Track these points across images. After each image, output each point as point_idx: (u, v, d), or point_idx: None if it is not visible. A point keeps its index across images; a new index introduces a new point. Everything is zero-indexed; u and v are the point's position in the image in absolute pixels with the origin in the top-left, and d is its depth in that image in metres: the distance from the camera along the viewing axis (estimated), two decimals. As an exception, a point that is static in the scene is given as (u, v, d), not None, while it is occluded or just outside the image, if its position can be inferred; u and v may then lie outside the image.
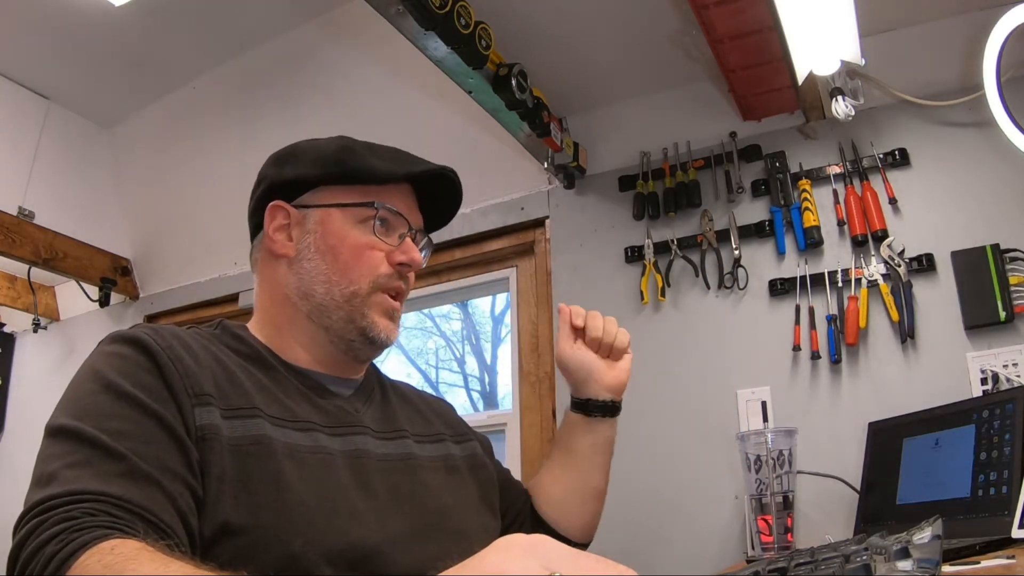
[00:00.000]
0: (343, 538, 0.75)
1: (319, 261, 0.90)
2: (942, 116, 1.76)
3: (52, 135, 2.66)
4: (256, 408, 0.79)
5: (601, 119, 2.19)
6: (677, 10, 1.81)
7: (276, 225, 0.93)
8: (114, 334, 0.80)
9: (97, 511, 0.62)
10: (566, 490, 1.10)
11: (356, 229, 0.91)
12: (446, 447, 1.00)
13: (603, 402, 1.08)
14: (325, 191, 0.93)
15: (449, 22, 1.52)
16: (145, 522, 0.63)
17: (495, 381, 3.77)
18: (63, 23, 2.24)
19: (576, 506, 1.10)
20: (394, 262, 0.92)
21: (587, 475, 1.10)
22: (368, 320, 0.90)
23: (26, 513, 0.62)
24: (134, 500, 0.64)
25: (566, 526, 1.09)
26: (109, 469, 0.65)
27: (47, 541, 0.59)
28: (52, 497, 0.62)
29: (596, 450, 1.09)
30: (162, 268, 2.96)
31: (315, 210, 0.92)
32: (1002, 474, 1.17)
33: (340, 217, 0.91)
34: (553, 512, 1.10)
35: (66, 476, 0.64)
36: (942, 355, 1.65)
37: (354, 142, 0.96)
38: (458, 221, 2.32)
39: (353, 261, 0.90)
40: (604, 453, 1.10)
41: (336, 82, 2.40)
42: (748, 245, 1.92)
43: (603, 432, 1.09)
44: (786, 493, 1.55)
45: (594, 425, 1.09)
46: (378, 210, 0.91)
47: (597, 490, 1.11)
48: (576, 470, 1.10)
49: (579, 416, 1.09)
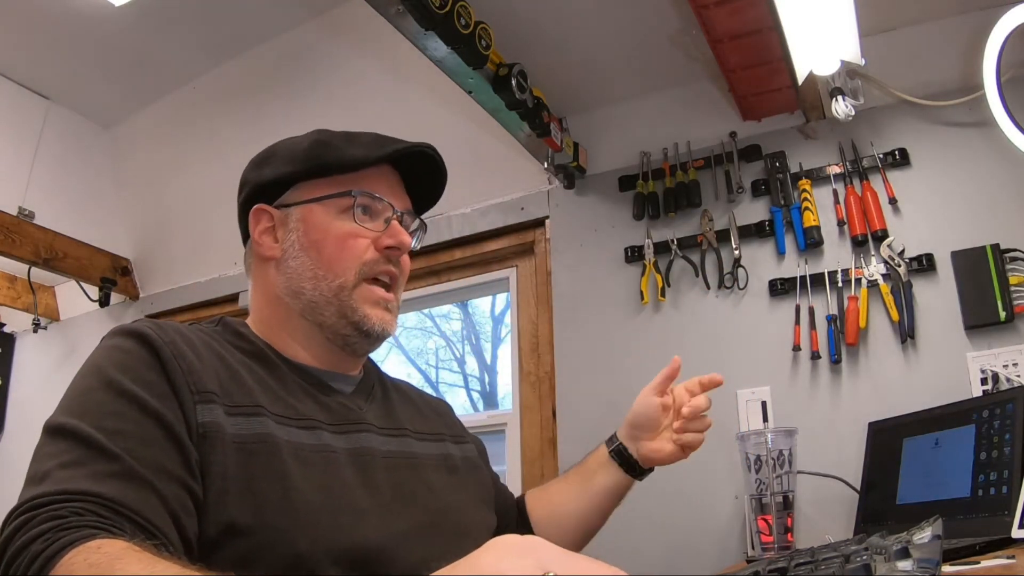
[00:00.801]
0: (349, 537, 0.75)
1: (304, 258, 0.90)
2: (942, 116, 1.76)
3: (52, 135, 2.66)
4: (260, 406, 0.78)
5: (601, 119, 2.19)
6: (677, 10, 1.81)
7: (261, 228, 0.93)
8: (117, 328, 0.79)
9: (86, 511, 0.61)
10: (569, 516, 1.10)
11: (337, 220, 0.90)
12: (445, 447, 1.00)
13: (630, 458, 1.08)
14: (303, 187, 0.92)
15: (449, 22, 1.52)
16: (134, 524, 0.63)
17: (495, 381, 3.77)
18: (63, 23, 2.24)
19: (571, 534, 1.10)
20: (381, 247, 0.91)
21: (595, 513, 1.10)
22: (360, 313, 0.89)
23: (15, 510, 0.62)
24: (125, 501, 0.63)
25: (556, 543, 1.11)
26: (102, 469, 0.65)
27: (33, 539, 0.58)
28: (42, 495, 0.62)
29: (613, 497, 1.09)
30: (162, 268, 2.96)
31: (296, 208, 0.92)
32: (1002, 474, 1.17)
33: (320, 211, 0.91)
34: (550, 529, 1.10)
35: (59, 475, 0.64)
36: (942, 355, 1.64)
37: (330, 134, 0.95)
38: (458, 221, 2.33)
39: (337, 252, 0.89)
40: (616, 502, 1.11)
41: (336, 82, 2.41)
42: (748, 245, 1.92)
43: (626, 485, 1.10)
44: (786, 493, 1.55)
45: (623, 476, 1.09)
46: (356, 197, 0.90)
47: (595, 530, 1.12)
48: (587, 504, 1.10)
49: (615, 463, 1.09)
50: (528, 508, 1.13)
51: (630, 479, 1.09)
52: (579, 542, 1.11)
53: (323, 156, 0.91)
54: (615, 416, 1.94)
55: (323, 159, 0.91)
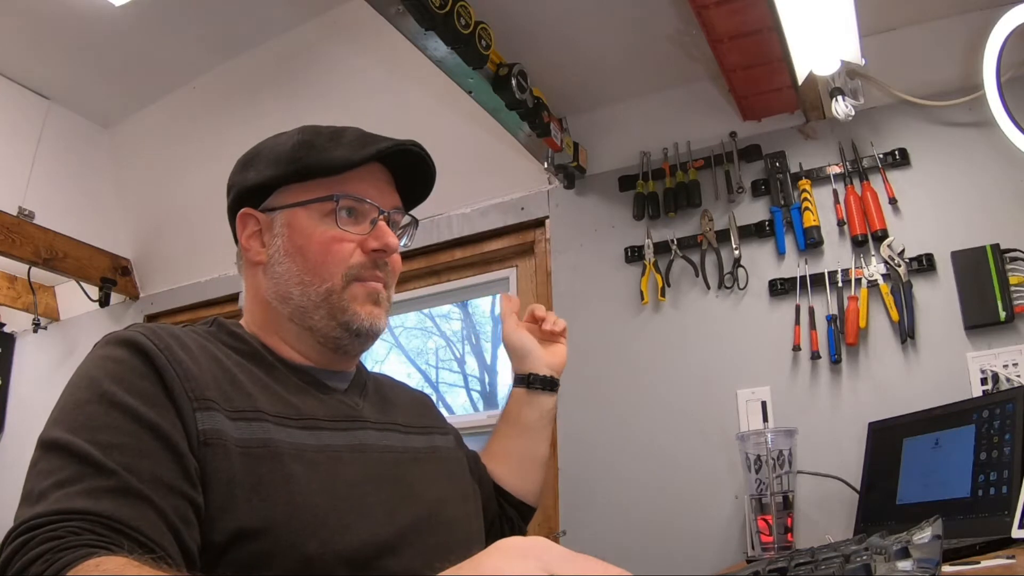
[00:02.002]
0: (357, 536, 0.75)
1: (290, 263, 0.89)
2: (942, 116, 1.76)
3: (52, 135, 2.66)
4: (259, 411, 0.78)
5: (601, 119, 2.19)
6: (677, 10, 1.81)
7: (248, 233, 0.92)
8: (109, 336, 0.78)
9: (83, 530, 0.61)
10: (519, 459, 1.17)
11: (321, 224, 0.89)
12: (433, 439, 1.01)
13: (544, 377, 1.16)
14: (287, 191, 0.91)
15: (449, 22, 1.52)
16: (132, 540, 0.62)
17: (495, 381, 3.76)
18: (63, 23, 2.24)
19: (529, 473, 1.17)
20: (368, 249, 0.90)
21: (535, 444, 1.18)
22: (349, 313, 0.88)
23: (12, 532, 0.62)
24: (122, 518, 0.63)
25: (523, 492, 1.17)
26: (98, 486, 0.64)
27: (32, 561, 0.58)
28: (39, 516, 0.61)
29: (541, 423, 1.17)
30: (162, 268, 2.96)
31: (280, 212, 0.90)
32: (1002, 474, 1.17)
33: (304, 215, 0.89)
34: (510, 479, 1.16)
35: (55, 494, 0.63)
36: (942, 355, 1.65)
37: (314, 132, 0.92)
38: (458, 221, 2.33)
39: (322, 258, 0.88)
40: (548, 425, 1.18)
41: (336, 81, 2.41)
42: (748, 245, 1.92)
43: (546, 405, 1.17)
44: (786, 493, 1.55)
45: (537, 398, 1.16)
46: (338, 201, 0.89)
47: (544, 458, 1.20)
48: (525, 440, 1.17)
49: (522, 391, 1.16)
50: (491, 474, 1.16)
51: (548, 394, 1.17)
52: (540, 477, 1.19)
53: (306, 159, 0.89)
54: (615, 416, 1.95)
55: (305, 162, 0.89)
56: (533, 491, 1.18)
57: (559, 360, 1.19)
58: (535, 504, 1.20)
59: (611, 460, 1.93)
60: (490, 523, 1.10)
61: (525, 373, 1.17)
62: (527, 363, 1.17)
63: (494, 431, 1.21)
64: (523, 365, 1.17)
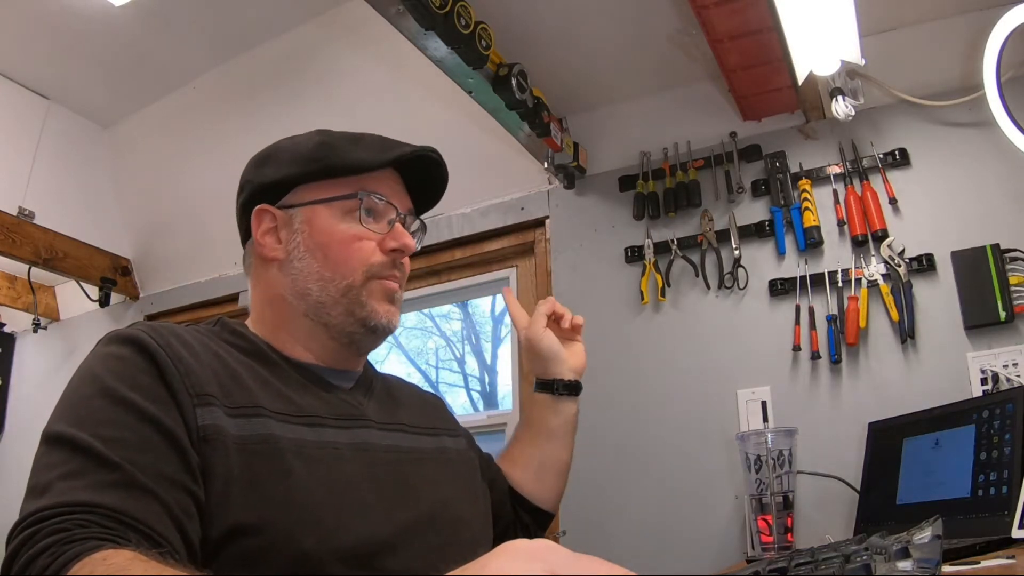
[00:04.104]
0: (354, 534, 0.75)
1: (310, 260, 0.90)
2: (942, 116, 1.76)
3: (52, 135, 2.65)
4: (260, 407, 0.78)
5: (601, 119, 2.19)
6: (677, 10, 1.81)
7: (263, 229, 0.93)
8: (111, 334, 0.79)
9: (89, 522, 0.61)
10: (539, 465, 1.14)
11: (343, 222, 0.90)
12: (441, 440, 1.01)
13: (569, 382, 1.12)
14: (307, 188, 0.92)
15: (449, 22, 1.52)
16: (138, 533, 0.63)
17: (495, 381, 3.77)
18: (63, 23, 2.24)
19: (548, 479, 1.14)
20: (386, 249, 0.92)
21: (558, 450, 1.14)
22: (368, 309, 0.90)
23: (18, 524, 0.62)
24: (128, 511, 0.63)
25: (541, 498, 1.14)
26: (103, 479, 0.65)
27: (38, 553, 0.58)
28: (44, 508, 0.62)
29: (566, 429, 1.14)
30: (162, 268, 2.96)
31: (300, 209, 0.91)
32: (1002, 474, 1.17)
33: (326, 213, 0.91)
34: (528, 485, 1.13)
35: (59, 487, 0.64)
36: (942, 355, 1.65)
37: (334, 135, 0.95)
38: (458, 221, 2.33)
39: (344, 255, 0.90)
40: (571, 431, 1.15)
41: (336, 82, 2.41)
42: (748, 245, 1.92)
43: (570, 410, 1.14)
44: (786, 493, 1.55)
45: (562, 404, 1.13)
46: (362, 200, 0.91)
47: (566, 464, 1.16)
48: (547, 447, 1.13)
49: (547, 396, 1.13)
50: (510, 480, 1.14)
51: (572, 399, 1.13)
52: (562, 484, 1.16)
53: (328, 158, 0.91)
54: (615, 416, 1.95)
55: (328, 161, 0.91)
56: (551, 498, 1.15)
57: (581, 362, 1.15)
58: (553, 510, 1.17)
59: (611, 460, 1.93)
60: (504, 528, 1.09)
61: (550, 379, 1.12)
62: (552, 367, 1.12)
63: (514, 436, 1.18)
64: (548, 370, 1.12)
